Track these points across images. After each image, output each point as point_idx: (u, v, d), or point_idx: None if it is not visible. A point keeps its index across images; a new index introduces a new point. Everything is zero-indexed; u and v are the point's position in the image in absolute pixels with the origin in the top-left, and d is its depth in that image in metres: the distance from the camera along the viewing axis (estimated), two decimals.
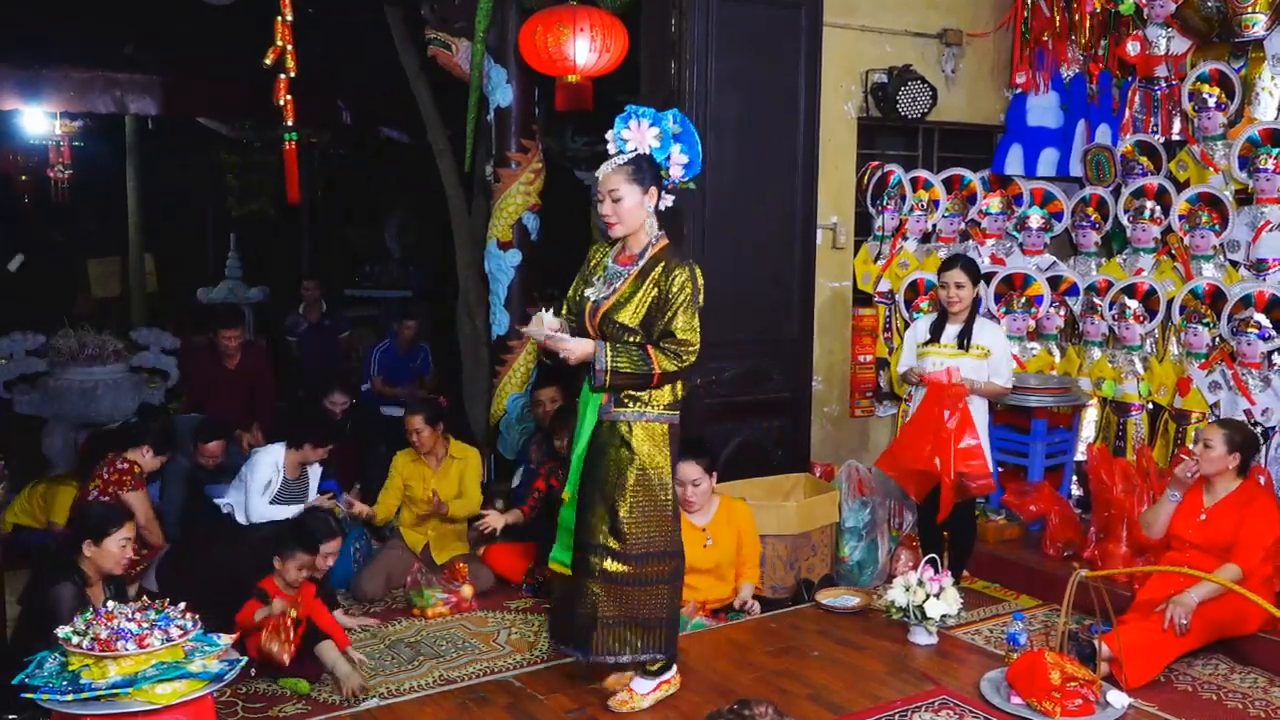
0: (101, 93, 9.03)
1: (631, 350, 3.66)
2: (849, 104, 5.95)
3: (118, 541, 3.89)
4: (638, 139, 3.73)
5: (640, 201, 3.71)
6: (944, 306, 5.05)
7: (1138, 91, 6.02)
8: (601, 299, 3.74)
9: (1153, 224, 5.85)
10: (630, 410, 3.74)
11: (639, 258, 3.76)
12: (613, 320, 3.70)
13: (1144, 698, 4.03)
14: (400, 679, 4.37)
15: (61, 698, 2.84)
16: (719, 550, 4.84)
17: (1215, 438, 4.46)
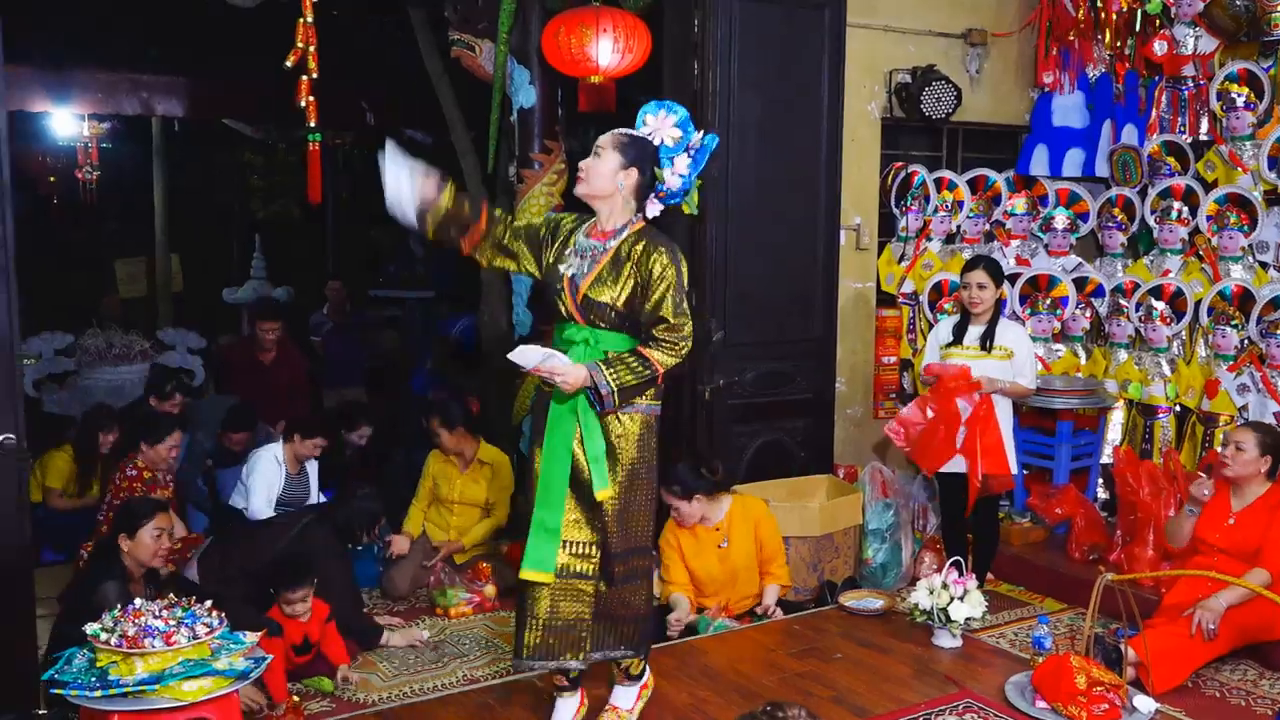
0: (128, 95, 9.12)
1: (628, 360, 3.40)
2: (872, 104, 5.93)
3: (150, 532, 3.94)
4: (657, 128, 3.53)
5: (614, 170, 3.45)
6: (966, 308, 5.03)
7: (1164, 91, 5.98)
8: (580, 276, 3.48)
9: (1180, 225, 5.80)
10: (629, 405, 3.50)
11: (615, 234, 3.50)
12: (594, 301, 3.44)
13: (1171, 703, 4.00)
14: (423, 678, 4.39)
15: (89, 694, 2.87)
16: (736, 551, 4.81)
17: (1247, 440, 4.41)
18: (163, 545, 3.97)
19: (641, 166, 3.48)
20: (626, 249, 3.46)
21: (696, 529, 4.80)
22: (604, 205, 3.51)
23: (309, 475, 5.62)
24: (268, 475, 5.42)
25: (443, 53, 6.92)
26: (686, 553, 4.80)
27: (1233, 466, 4.41)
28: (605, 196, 3.49)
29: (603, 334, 3.48)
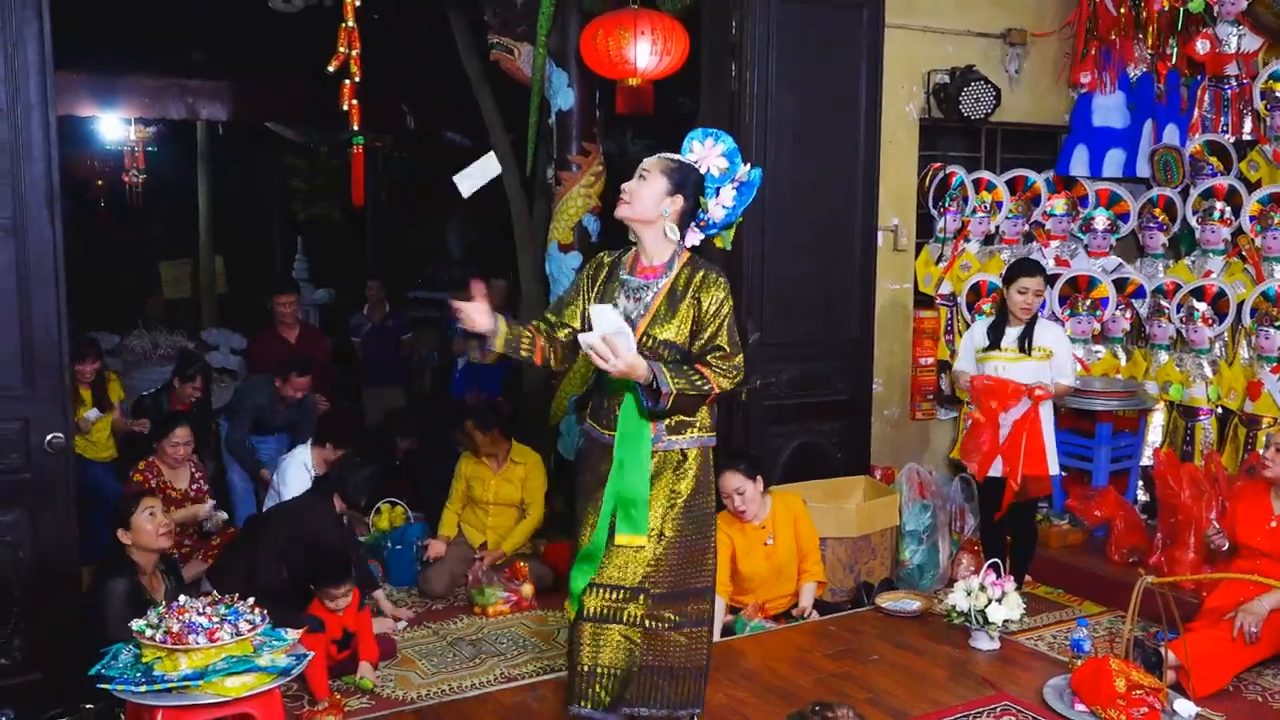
0: (174, 99, 9.25)
1: (687, 372, 3.24)
2: (910, 105, 5.90)
3: (144, 515, 3.97)
4: (703, 156, 3.42)
5: (660, 195, 3.30)
6: (1005, 310, 4.99)
7: (1207, 90, 5.90)
8: (637, 315, 3.31)
9: (1222, 225, 5.73)
10: (685, 437, 3.35)
11: (667, 268, 3.35)
12: (655, 338, 3.28)
13: (1212, 707, 3.95)
14: (461, 676, 4.42)
15: (135, 689, 2.91)
16: (780, 548, 4.83)
17: None
18: (160, 522, 4.00)
19: (687, 193, 3.35)
20: (683, 284, 3.33)
21: (746, 527, 4.79)
22: (646, 232, 3.35)
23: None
24: (298, 482, 5.41)
25: (482, 56, 6.96)
26: (738, 551, 4.77)
27: (1273, 468, 4.36)
28: (648, 222, 3.33)
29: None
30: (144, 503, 4.01)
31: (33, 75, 3.69)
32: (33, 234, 3.72)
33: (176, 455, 5.39)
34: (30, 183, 3.71)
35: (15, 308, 3.71)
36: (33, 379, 3.75)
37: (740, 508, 4.72)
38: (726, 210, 3.41)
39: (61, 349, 3.82)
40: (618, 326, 3.15)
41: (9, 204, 3.68)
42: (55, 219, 3.75)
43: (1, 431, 3.72)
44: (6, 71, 3.64)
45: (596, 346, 3.11)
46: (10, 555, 3.74)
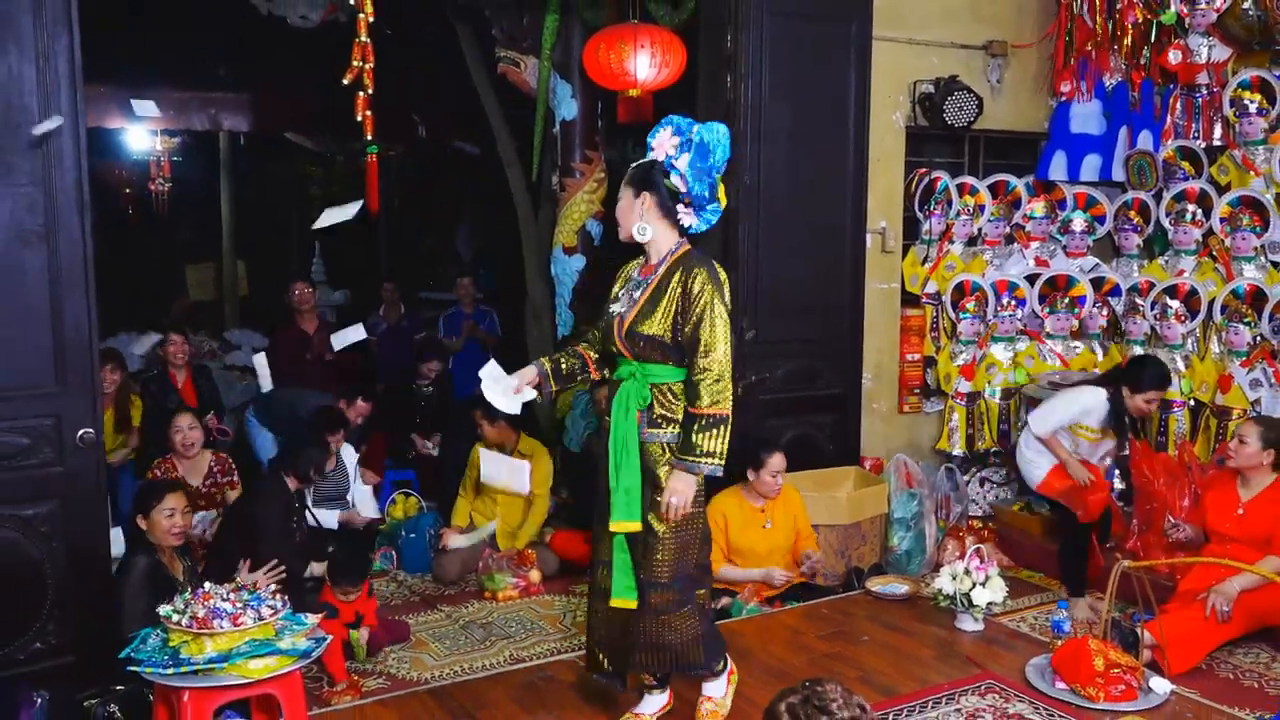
0: (198, 111, 9.26)
1: (691, 425, 3.26)
2: (897, 113, 5.89)
3: (163, 513, 3.96)
4: (658, 147, 3.39)
5: (630, 205, 3.38)
6: (1121, 405, 4.82)
7: (1179, 98, 5.89)
8: (625, 312, 3.39)
9: (1194, 226, 5.72)
10: (665, 431, 3.37)
11: (656, 268, 3.40)
12: (637, 334, 3.34)
13: (1186, 684, 3.94)
14: (473, 658, 4.42)
15: (163, 671, 2.91)
16: (777, 533, 4.84)
17: (1250, 434, 4.36)
18: (175, 524, 3.97)
19: (650, 187, 3.37)
20: (665, 278, 3.35)
21: (744, 503, 4.82)
22: (642, 237, 3.39)
23: (345, 463, 5.63)
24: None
25: (489, 69, 6.95)
26: (732, 523, 4.80)
27: (1236, 458, 4.38)
28: (635, 228, 3.39)
29: (650, 367, 3.38)
30: (166, 500, 3.98)
31: (63, 86, 3.68)
32: (64, 239, 3.71)
33: (185, 443, 5.17)
34: (62, 191, 3.70)
35: (48, 309, 3.71)
36: (64, 377, 3.75)
37: (766, 478, 4.77)
38: (691, 173, 3.33)
39: (92, 349, 3.82)
40: (495, 375, 3.54)
41: (42, 211, 3.67)
42: (85, 225, 3.75)
43: (35, 427, 3.71)
44: (39, 83, 3.64)
45: (673, 515, 3.31)
46: (44, 545, 3.74)
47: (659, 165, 3.38)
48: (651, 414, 3.37)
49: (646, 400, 3.36)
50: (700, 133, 3.34)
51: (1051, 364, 6.03)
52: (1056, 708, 3.77)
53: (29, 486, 3.71)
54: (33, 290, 3.68)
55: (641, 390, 3.37)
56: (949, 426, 6.04)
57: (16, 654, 3.72)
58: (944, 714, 3.74)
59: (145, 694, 3.33)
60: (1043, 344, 6.10)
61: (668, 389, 3.37)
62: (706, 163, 3.35)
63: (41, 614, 3.76)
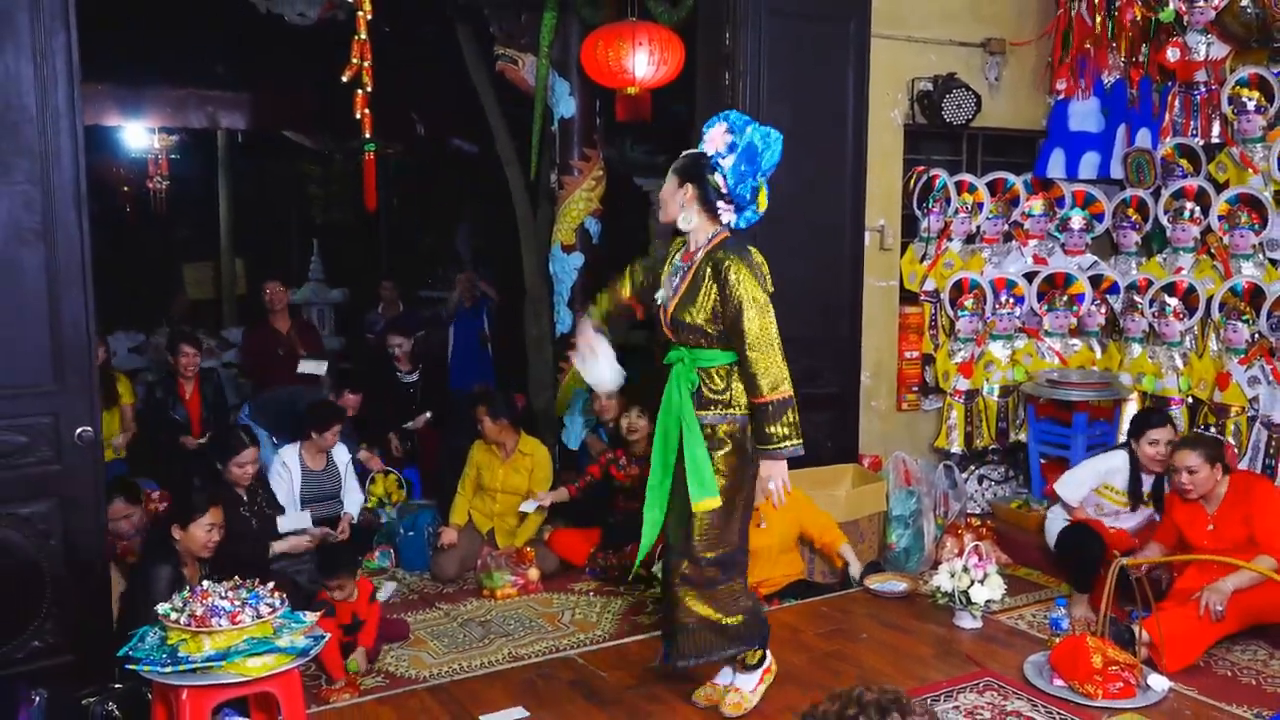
0: (196, 109, 9.26)
1: (761, 416, 3.41)
2: (895, 111, 5.88)
3: (203, 527, 3.99)
4: (711, 139, 3.48)
5: (674, 191, 3.50)
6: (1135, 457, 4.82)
7: (1177, 96, 5.88)
8: (667, 300, 3.56)
9: (1192, 224, 5.72)
10: (712, 413, 3.50)
11: (694, 256, 3.53)
12: (681, 322, 3.50)
13: (1183, 681, 3.95)
14: (471, 656, 4.42)
15: (161, 669, 2.91)
16: (771, 532, 4.81)
17: (1194, 460, 4.34)
18: (212, 539, 4.01)
19: (695, 180, 3.48)
20: (701, 266, 3.48)
21: None
22: (684, 225, 3.53)
23: (336, 464, 5.55)
24: (280, 481, 5.32)
25: (488, 67, 6.95)
26: None
27: (1195, 490, 4.37)
28: (678, 217, 3.52)
29: (698, 352, 3.53)
30: (210, 514, 4.02)
31: (61, 84, 3.68)
32: (62, 237, 3.71)
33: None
34: (60, 188, 3.70)
35: (46, 307, 3.70)
36: (63, 375, 3.74)
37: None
38: (734, 175, 3.44)
39: (89, 347, 3.81)
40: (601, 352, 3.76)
41: (40, 209, 3.67)
42: (83, 223, 3.74)
43: (33, 425, 3.71)
44: (36, 81, 3.64)
45: (774, 499, 3.51)
46: (42, 543, 3.74)
47: (706, 159, 3.47)
48: (701, 396, 3.51)
49: (695, 383, 3.50)
50: (752, 135, 3.44)
51: (1050, 361, 6.04)
52: (1055, 705, 3.77)
53: (27, 485, 3.71)
54: (31, 289, 3.67)
55: (690, 374, 3.51)
56: (947, 424, 6.04)
57: (15, 652, 3.72)
58: (943, 711, 3.74)
59: (144, 692, 3.33)
60: (1041, 341, 6.10)
61: (714, 372, 3.51)
62: (753, 166, 3.45)
63: (40, 612, 3.75)
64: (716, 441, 3.51)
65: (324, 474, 5.49)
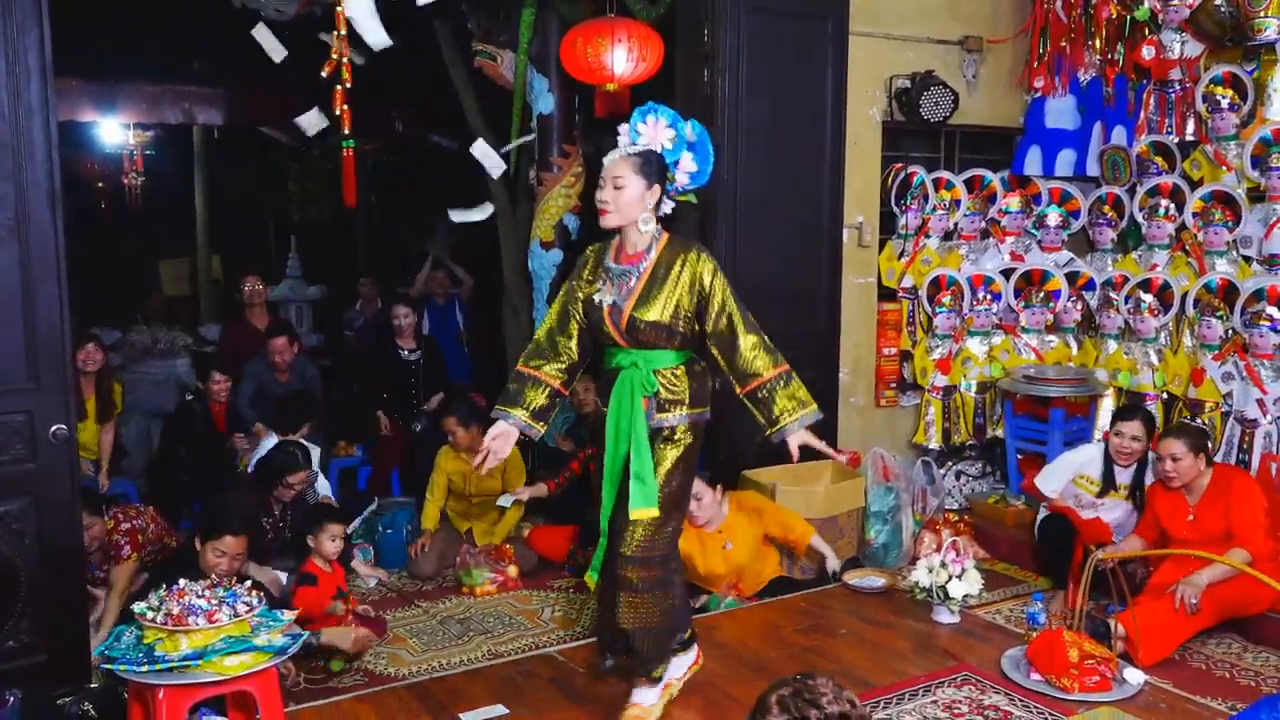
0: (171, 105, 9.17)
1: (773, 393, 3.40)
2: (874, 109, 5.90)
3: (214, 550, 4.04)
4: (652, 135, 3.37)
5: (641, 195, 3.34)
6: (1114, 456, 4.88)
7: (1152, 94, 5.93)
8: (621, 301, 3.37)
9: (1167, 221, 5.76)
10: (673, 415, 3.42)
11: (645, 255, 3.39)
12: (641, 320, 3.34)
13: (1159, 675, 3.99)
14: (451, 653, 4.41)
15: (137, 668, 2.89)
16: (739, 551, 4.75)
17: (1178, 448, 4.40)
18: (220, 565, 4.03)
19: (660, 179, 3.39)
20: (664, 266, 3.38)
21: (703, 535, 4.70)
22: (645, 227, 3.40)
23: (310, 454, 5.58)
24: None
25: (466, 63, 6.92)
26: (693, 551, 4.66)
27: (1179, 478, 4.43)
28: (633, 221, 3.38)
29: (652, 354, 3.40)
30: (226, 543, 4.06)
31: (34, 80, 3.64)
32: (35, 234, 3.68)
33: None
34: (33, 184, 3.67)
35: (19, 305, 3.67)
36: (37, 373, 3.71)
37: (695, 512, 4.58)
38: (692, 174, 3.44)
39: (64, 344, 3.78)
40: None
41: (12, 205, 3.64)
42: (57, 219, 3.71)
43: (7, 423, 3.68)
44: (8, 76, 3.60)
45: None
46: (16, 542, 3.71)
47: (661, 157, 3.40)
48: (659, 399, 3.40)
49: (653, 387, 3.38)
50: (695, 131, 3.42)
51: (1027, 358, 6.07)
52: (1032, 699, 3.79)
53: (1, 484, 3.67)
54: (3, 285, 3.65)
55: (646, 377, 3.37)
56: (925, 420, 6.07)
57: None
58: (921, 706, 3.76)
59: (120, 692, 3.30)
60: (1018, 338, 6.14)
61: (671, 373, 3.42)
62: (706, 163, 3.45)
63: (14, 612, 3.72)
64: (674, 443, 3.43)
65: None
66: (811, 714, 1.82)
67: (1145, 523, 4.63)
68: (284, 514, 5.04)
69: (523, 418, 3.43)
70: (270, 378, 6.32)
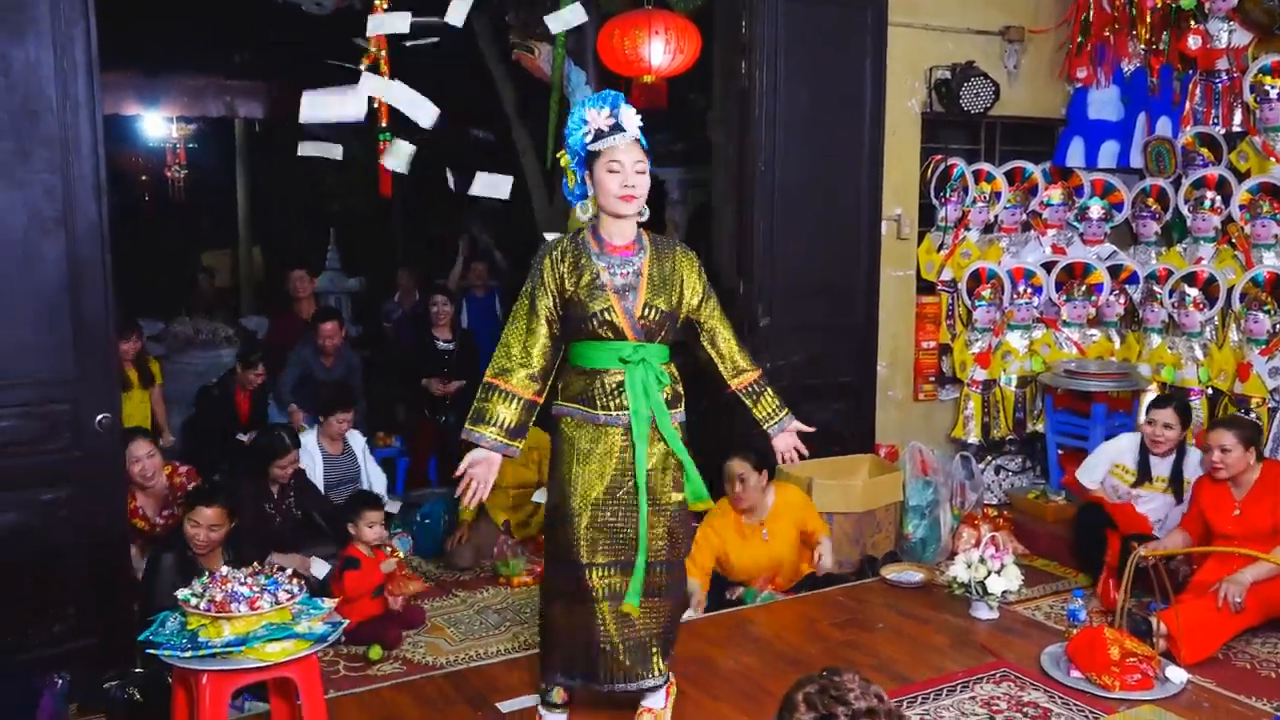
0: (213, 98, 9.29)
1: (764, 389, 3.52)
2: (913, 100, 5.85)
3: (189, 523, 4.03)
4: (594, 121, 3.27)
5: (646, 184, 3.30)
6: (1147, 444, 4.85)
7: (1198, 84, 5.84)
8: (631, 293, 3.25)
9: (1213, 214, 5.68)
10: (679, 410, 3.38)
11: (638, 244, 3.31)
12: (656, 308, 3.26)
13: (1202, 674, 3.93)
14: (488, 643, 4.44)
15: (181, 654, 2.93)
16: (777, 543, 4.73)
17: (1229, 440, 4.34)
18: (198, 538, 4.02)
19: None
20: (661, 256, 3.34)
21: (740, 523, 4.69)
22: (632, 215, 3.31)
23: (354, 449, 5.62)
24: (309, 468, 5.34)
25: (504, 55, 6.94)
26: (730, 543, 4.66)
27: (1226, 470, 4.36)
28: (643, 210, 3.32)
29: (654, 348, 3.31)
30: (194, 513, 4.04)
31: (80, 74, 3.70)
32: (82, 226, 3.74)
33: (144, 473, 4.75)
34: (79, 178, 3.72)
35: (66, 296, 3.73)
36: (83, 363, 3.78)
37: (739, 494, 4.58)
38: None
39: (109, 335, 3.85)
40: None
41: (59, 198, 3.70)
42: (103, 212, 3.77)
43: (53, 413, 3.75)
44: (56, 71, 3.66)
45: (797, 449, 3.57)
46: (64, 528, 3.78)
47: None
48: (669, 395, 3.34)
49: (664, 381, 3.31)
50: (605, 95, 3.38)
51: (1068, 352, 6.01)
52: (1072, 696, 3.76)
53: (48, 471, 3.75)
54: (50, 277, 3.70)
55: (655, 372, 3.29)
56: (964, 414, 6.02)
57: (37, 636, 3.76)
58: (959, 702, 3.74)
59: (164, 676, 3.35)
60: (1059, 332, 6.07)
61: (669, 369, 3.37)
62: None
63: (62, 596, 3.79)
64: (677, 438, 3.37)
65: (343, 459, 5.56)
66: (839, 710, 1.81)
67: (1190, 516, 4.56)
68: (283, 496, 4.99)
69: (496, 437, 3.22)
70: (316, 362, 6.36)
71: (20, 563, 3.71)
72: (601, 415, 3.29)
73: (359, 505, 4.61)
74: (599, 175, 3.26)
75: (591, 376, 3.29)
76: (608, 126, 3.26)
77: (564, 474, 3.33)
